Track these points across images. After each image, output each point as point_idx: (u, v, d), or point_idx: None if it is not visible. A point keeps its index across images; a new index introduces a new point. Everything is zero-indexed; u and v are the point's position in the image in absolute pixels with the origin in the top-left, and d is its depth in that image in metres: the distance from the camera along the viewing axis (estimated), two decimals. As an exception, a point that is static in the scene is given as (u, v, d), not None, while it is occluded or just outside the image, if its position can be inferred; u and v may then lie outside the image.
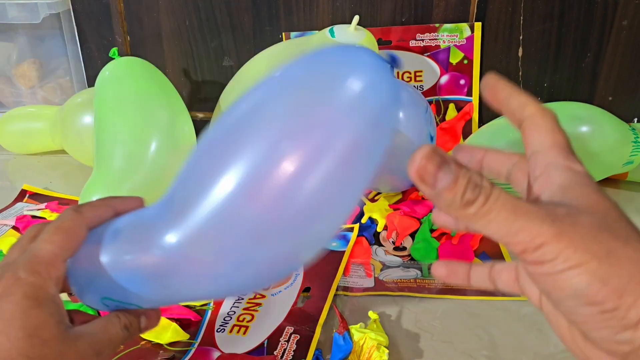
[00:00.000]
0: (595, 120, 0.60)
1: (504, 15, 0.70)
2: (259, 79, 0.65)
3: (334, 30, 0.61)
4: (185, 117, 0.63)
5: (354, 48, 0.26)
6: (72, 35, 0.80)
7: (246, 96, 0.28)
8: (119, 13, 0.77)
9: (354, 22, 0.61)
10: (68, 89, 0.82)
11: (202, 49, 0.77)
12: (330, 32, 0.61)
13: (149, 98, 0.62)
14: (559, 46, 0.71)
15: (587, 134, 0.60)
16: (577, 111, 0.62)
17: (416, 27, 0.70)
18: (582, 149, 0.60)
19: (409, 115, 0.59)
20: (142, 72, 0.64)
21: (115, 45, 0.79)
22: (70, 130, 0.71)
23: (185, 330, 0.46)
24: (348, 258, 0.55)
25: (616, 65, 0.71)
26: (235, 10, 0.74)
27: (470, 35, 0.70)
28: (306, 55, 0.27)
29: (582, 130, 0.60)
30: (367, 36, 0.61)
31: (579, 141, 0.60)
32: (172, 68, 0.78)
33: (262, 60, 0.66)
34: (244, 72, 0.68)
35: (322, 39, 0.62)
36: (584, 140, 0.60)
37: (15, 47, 0.81)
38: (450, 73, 0.72)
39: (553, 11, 0.69)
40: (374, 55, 0.26)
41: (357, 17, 0.61)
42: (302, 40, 0.65)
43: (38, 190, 0.69)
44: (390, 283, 0.52)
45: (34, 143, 0.78)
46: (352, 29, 0.61)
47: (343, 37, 0.61)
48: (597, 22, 0.69)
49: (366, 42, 0.61)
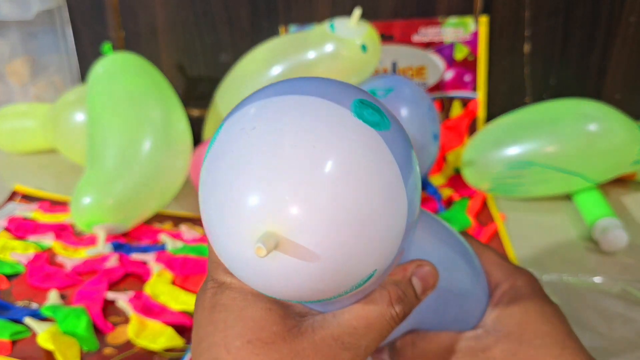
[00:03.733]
0: (604, 118, 0.59)
1: (510, 10, 0.69)
2: (255, 74, 0.64)
3: (334, 24, 0.60)
4: (179, 114, 0.62)
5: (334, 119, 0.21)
6: (65, 31, 0.78)
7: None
8: (114, 8, 0.75)
9: (355, 16, 0.59)
10: (61, 86, 0.81)
11: (198, 44, 0.76)
12: (331, 27, 0.59)
13: (142, 95, 0.60)
14: (566, 42, 0.70)
15: (595, 132, 0.59)
16: (585, 109, 0.60)
17: (419, 22, 0.69)
18: (591, 148, 0.58)
19: (412, 114, 0.57)
20: (135, 68, 0.63)
21: (110, 41, 0.77)
22: (63, 129, 0.69)
23: (181, 336, 0.45)
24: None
25: (624, 62, 0.70)
26: (232, 3, 0.73)
27: (475, 30, 0.68)
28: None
29: (590, 129, 0.59)
30: (369, 31, 0.60)
31: (586, 139, 0.58)
32: (168, 64, 0.77)
33: (259, 56, 0.64)
34: (240, 67, 0.66)
35: (322, 33, 0.60)
36: (592, 138, 0.58)
37: (7, 43, 0.79)
38: (455, 69, 0.70)
39: (559, 7, 0.68)
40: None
41: (359, 10, 0.59)
42: (300, 35, 0.63)
43: (30, 191, 0.68)
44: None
45: (25, 142, 0.76)
46: (354, 23, 0.59)
47: (344, 32, 0.59)
48: (604, 18, 0.68)
49: (367, 37, 0.59)
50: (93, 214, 0.55)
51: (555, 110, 0.61)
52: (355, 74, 0.61)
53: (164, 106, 0.60)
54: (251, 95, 0.23)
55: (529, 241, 0.57)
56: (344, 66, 0.60)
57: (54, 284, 0.50)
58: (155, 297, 0.49)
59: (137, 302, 0.48)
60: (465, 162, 0.63)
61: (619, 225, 0.54)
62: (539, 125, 0.60)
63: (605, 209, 0.57)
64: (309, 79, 0.23)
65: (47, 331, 0.44)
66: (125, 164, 0.56)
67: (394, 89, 0.57)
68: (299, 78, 0.23)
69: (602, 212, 0.57)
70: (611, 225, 0.54)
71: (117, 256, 0.54)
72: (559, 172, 0.59)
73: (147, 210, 0.58)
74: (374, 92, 0.58)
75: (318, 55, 0.60)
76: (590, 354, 0.28)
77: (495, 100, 0.73)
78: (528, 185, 0.61)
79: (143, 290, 0.50)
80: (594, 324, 0.45)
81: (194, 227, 0.60)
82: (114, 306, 0.48)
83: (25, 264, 0.53)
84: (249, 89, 0.63)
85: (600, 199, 0.60)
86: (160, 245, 0.56)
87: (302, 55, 0.61)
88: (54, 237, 0.57)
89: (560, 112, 0.61)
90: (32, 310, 0.47)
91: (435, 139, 0.59)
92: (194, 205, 0.65)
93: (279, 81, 0.23)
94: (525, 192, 0.62)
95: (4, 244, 0.56)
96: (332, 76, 0.60)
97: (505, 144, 0.61)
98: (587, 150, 0.58)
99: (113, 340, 0.45)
